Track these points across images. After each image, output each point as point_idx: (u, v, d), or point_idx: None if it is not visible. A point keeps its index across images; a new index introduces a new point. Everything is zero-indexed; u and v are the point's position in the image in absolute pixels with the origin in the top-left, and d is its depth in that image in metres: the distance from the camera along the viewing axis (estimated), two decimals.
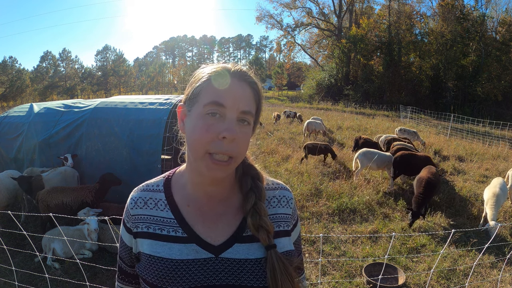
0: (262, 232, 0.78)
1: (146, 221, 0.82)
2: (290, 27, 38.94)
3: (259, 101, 0.79)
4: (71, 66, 49.72)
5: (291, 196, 0.90)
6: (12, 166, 5.57)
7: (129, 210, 0.85)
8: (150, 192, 0.86)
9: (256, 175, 0.86)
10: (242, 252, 0.78)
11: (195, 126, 0.73)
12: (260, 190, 0.83)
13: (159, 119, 5.17)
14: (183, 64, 69.02)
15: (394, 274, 3.61)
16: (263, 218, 0.79)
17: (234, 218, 0.82)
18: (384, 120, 18.39)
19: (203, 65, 0.81)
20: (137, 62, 73.62)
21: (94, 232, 3.91)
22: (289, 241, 0.85)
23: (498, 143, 11.87)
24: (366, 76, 30.71)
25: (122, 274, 0.93)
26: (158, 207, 0.83)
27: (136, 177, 5.06)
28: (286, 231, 0.85)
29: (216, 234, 0.80)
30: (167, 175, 0.90)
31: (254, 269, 0.77)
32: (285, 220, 0.86)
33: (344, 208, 5.48)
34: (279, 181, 0.92)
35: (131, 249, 0.86)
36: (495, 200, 4.68)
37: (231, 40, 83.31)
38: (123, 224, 0.88)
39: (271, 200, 0.87)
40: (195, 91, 0.76)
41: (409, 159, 6.52)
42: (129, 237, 0.86)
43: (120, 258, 0.91)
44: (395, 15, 31.25)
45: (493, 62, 27.32)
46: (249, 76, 0.77)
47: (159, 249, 0.78)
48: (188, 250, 0.78)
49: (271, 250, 0.77)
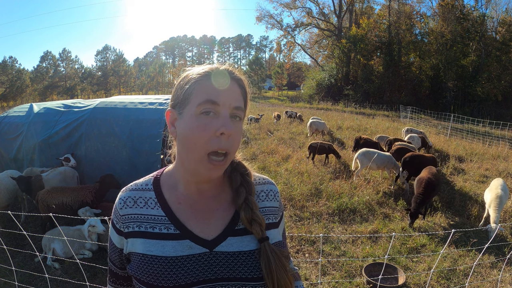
0: (255, 225, 0.80)
1: (137, 220, 0.82)
2: (290, 27, 39.01)
3: (246, 96, 0.82)
4: (71, 66, 49.74)
5: (277, 190, 0.94)
6: (12, 166, 5.56)
7: (118, 210, 0.84)
8: (139, 191, 0.86)
9: (245, 171, 0.89)
10: (235, 245, 0.80)
11: (190, 127, 0.74)
12: (250, 185, 0.86)
13: (159, 119, 5.17)
14: (183, 64, 68.95)
15: (394, 274, 3.61)
16: (255, 212, 0.81)
17: (226, 213, 0.84)
18: (384, 120, 18.39)
19: (188, 68, 0.82)
20: (137, 62, 73.62)
21: (95, 233, 3.91)
22: (277, 232, 0.89)
23: (498, 143, 11.87)
24: (366, 76, 30.71)
25: (113, 276, 0.92)
26: (148, 206, 0.83)
27: (136, 177, 4.97)
28: (275, 223, 0.89)
29: (209, 229, 0.81)
30: (155, 174, 0.91)
31: (248, 261, 0.79)
32: (273, 213, 0.89)
33: (344, 208, 5.48)
34: (264, 175, 0.96)
35: (121, 251, 0.85)
36: (498, 202, 4.65)
37: (231, 40, 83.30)
38: (112, 225, 0.86)
39: (260, 194, 0.90)
40: (186, 93, 0.77)
41: (417, 159, 6.49)
42: (119, 238, 0.85)
43: (111, 261, 0.91)
44: (395, 15, 31.25)
45: (493, 62, 27.32)
46: (235, 74, 0.80)
47: (152, 248, 0.78)
48: (182, 246, 0.78)
49: (265, 242, 0.80)
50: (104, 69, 51.32)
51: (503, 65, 27.15)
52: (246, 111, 0.83)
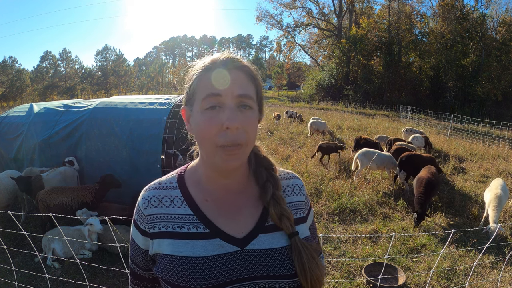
0: (285, 221, 0.79)
1: (163, 220, 0.79)
2: (290, 27, 38.99)
3: (255, 82, 0.78)
4: (71, 66, 49.70)
5: (302, 184, 0.92)
6: (12, 166, 5.56)
7: (142, 210, 0.81)
8: (163, 189, 0.83)
9: (270, 166, 0.87)
10: (266, 242, 0.78)
11: (198, 123, 0.74)
12: (276, 180, 0.84)
13: (159, 119, 5.17)
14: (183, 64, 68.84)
15: (394, 274, 3.61)
16: (283, 207, 0.80)
17: (255, 209, 0.82)
18: (384, 120, 18.40)
19: (193, 62, 0.81)
20: (137, 62, 73.64)
21: (95, 233, 3.91)
22: (305, 227, 0.87)
23: (498, 143, 11.87)
24: (366, 76, 30.71)
25: (137, 279, 0.89)
26: (174, 204, 0.80)
27: (136, 177, 5.05)
28: (303, 217, 0.87)
29: (238, 226, 0.79)
30: (178, 171, 0.88)
31: (280, 258, 0.78)
32: (300, 207, 0.88)
33: (344, 208, 5.48)
34: (288, 170, 0.94)
35: (146, 252, 0.82)
36: (498, 202, 4.66)
37: (231, 40, 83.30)
38: (136, 226, 0.83)
39: (285, 189, 0.88)
40: (190, 90, 0.77)
41: (414, 159, 6.49)
42: (143, 239, 0.82)
43: (133, 263, 0.87)
44: (395, 15, 31.26)
45: (493, 62, 27.34)
46: (238, 61, 0.77)
47: (181, 248, 0.76)
48: (212, 245, 0.76)
49: (295, 237, 0.79)
50: (104, 69, 51.29)
51: (503, 65, 27.16)
52: (261, 99, 0.80)
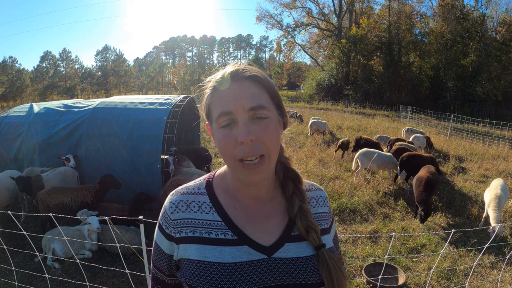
0: (312, 233, 0.80)
1: (191, 225, 0.80)
2: (290, 27, 38.91)
3: (267, 88, 0.77)
4: (71, 66, 49.70)
5: (326, 196, 0.94)
6: (12, 166, 5.56)
7: (169, 214, 0.81)
8: (191, 195, 0.84)
9: (297, 178, 0.88)
10: (293, 251, 0.80)
11: (218, 140, 0.76)
12: (303, 193, 0.86)
13: (159, 119, 5.17)
14: (183, 64, 68.92)
15: (394, 274, 3.61)
16: (310, 220, 0.82)
17: (281, 218, 0.83)
18: (384, 120, 18.39)
19: (205, 80, 0.81)
20: (137, 62, 73.53)
21: (95, 232, 3.91)
22: (330, 238, 0.88)
23: (498, 143, 11.87)
24: (366, 76, 30.69)
25: (158, 284, 0.88)
26: (202, 210, 0.81)
27: (136, 177, 5.06)
28: (327, 228, 0.89)
29: (266, 234, 0.80)
30: (206, 177, 0.88)
31: (306, 267, 0.79)
32: (324, 218, 0.89)
33: (344, 208, 5.48)
34: (313, 182, 0.96)
35: (171, 257, 0.82)
36: (497, 202, 4.67)
37: (231, 40, 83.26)
38: (161, 230, 0.83)
39: (310, 200, 0.90)
40: (206, 109, 0.80)
41: (414, 159, 6.49)
42: (168, 244, 0.82)
43: (156, 268, 0.87)
44: (395, 15, 31.23)
45: (493, 62, 27.30)
46: (245, 71, 0.76)
47: (208, 254, 0.76)
48: (240, 252, 0.77)
49: (322, 249, 0.80)
50: (104, 69, 51.28)
51: (503, 65, 27.11)
52: (279, 105, 0.80)
